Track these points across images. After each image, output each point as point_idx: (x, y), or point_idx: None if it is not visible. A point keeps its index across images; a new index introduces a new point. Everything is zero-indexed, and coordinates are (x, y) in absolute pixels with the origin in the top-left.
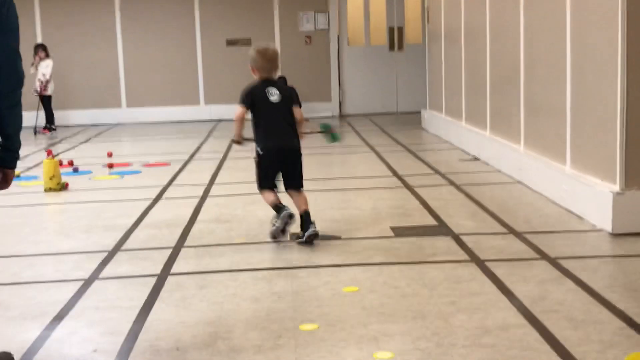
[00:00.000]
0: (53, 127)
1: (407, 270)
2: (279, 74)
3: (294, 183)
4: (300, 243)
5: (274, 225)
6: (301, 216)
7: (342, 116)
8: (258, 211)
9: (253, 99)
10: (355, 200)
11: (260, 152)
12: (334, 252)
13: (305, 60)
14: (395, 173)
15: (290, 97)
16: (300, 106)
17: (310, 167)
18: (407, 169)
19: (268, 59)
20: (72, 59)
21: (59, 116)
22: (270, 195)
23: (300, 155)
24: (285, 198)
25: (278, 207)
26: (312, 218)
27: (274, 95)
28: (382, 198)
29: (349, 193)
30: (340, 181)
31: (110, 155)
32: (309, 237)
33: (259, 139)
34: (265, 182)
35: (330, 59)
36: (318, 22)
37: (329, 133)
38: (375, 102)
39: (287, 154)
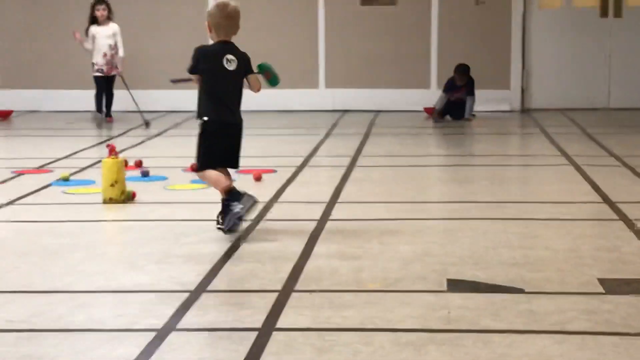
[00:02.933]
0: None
1: (626, 345)
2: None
3: (234, 161)
4: (221, 230)
5: (233, 211)
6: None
7: (524, 111)
8: (401, 245)
9: (205, 64)
10: (544, 235)
11: (206, 125)
12: (512, 312)
13: (474, 28)
14: (605, 198)
15: (245, 64)
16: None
17: (477, 184)
18: (623, 193)
19: (226, 15)
20: (143, 24)
21: (122, 99)
22: (218, 177)
23: (242, 130)
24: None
25: (233, 192)
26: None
27: (231, 62)
28: (584, 235)
29: (535, 225)
30: (522, 207)
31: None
32: (238, 218)
33: (206, 109)
34: (210, 160)
35: (510, 26)
36: None
37: (268, 75)
38: (575, 91)
39: (235, 129)
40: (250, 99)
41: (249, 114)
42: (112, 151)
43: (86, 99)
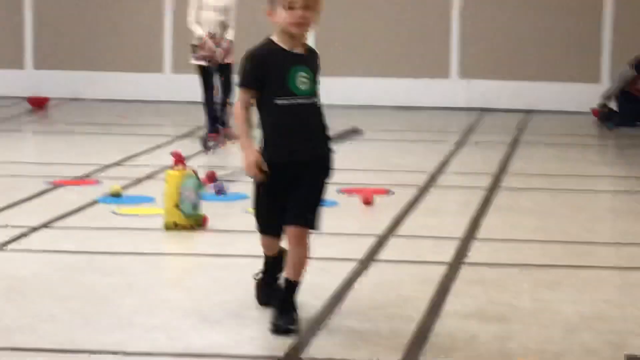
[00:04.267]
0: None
1: None
2: None
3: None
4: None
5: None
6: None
7: None
8: (563, 303)
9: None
10: None
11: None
12: None
13: None
14: None
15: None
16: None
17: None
18: None
19: None
20: None
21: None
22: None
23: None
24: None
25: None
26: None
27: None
28: None
29: None
30: None
31: None
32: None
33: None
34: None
35: None
36: None
37: None
38: None
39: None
40: (361, 91)
41: (358, 110)
42: (179, 160)
43: (142, 84)
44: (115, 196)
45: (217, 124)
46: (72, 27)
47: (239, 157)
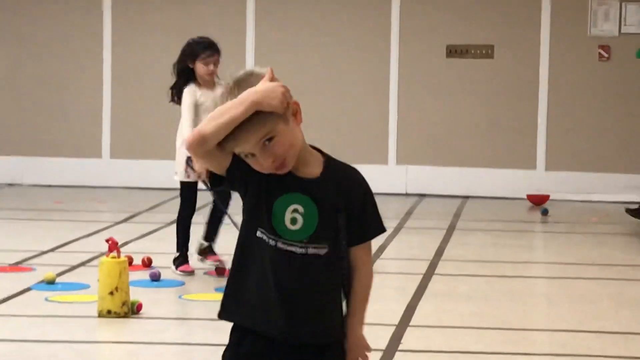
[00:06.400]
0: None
1: None
2: None
3: None
4: None
5: None
6: None
7: None
8: None
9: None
10: None
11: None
12: None
13: (597, 93)
14: None
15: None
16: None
17: (599, 304)
18: None
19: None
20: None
21: (128, 172)
22: None
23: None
24: None
25: None
26: None
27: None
28: None
29: None
30: None
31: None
32: None
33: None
34: None
35: None
36: (627, 18)
37: None
38: None
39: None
40: None
41: None
42: (113, 247)
43: (80, 169)
44: (49, 283)
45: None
46: (8, 112)
47: (173, 244)
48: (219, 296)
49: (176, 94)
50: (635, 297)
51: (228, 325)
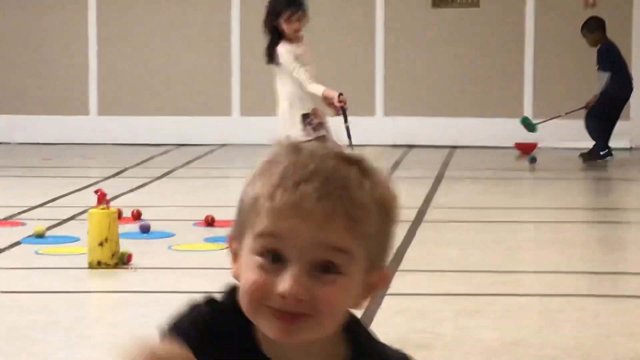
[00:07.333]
0: None
1: None
2: None
3: None
4: None
5: None
6: None
7: None
8: (484, 330)
9: None
10: None
11: None
12: None
13: (583, 39)
14: None
15: None
16: None
17: (585, 248)
18: None
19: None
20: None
21: (116, 129)
22: None
23: None
24: None
25: None
26: None
27: None
28: None
29: None
30: None
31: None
32: None
33: None
34: None
35: (631, 35)
36: None
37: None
38: None
39: None
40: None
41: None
42: (102, 199)
43: (67, 127)
44: (39, 236)
45: None
46: None
47: (162, 197)
48: (209, 246)
49: (270, 54)
50: (623, 239)
51: (216, 273)
